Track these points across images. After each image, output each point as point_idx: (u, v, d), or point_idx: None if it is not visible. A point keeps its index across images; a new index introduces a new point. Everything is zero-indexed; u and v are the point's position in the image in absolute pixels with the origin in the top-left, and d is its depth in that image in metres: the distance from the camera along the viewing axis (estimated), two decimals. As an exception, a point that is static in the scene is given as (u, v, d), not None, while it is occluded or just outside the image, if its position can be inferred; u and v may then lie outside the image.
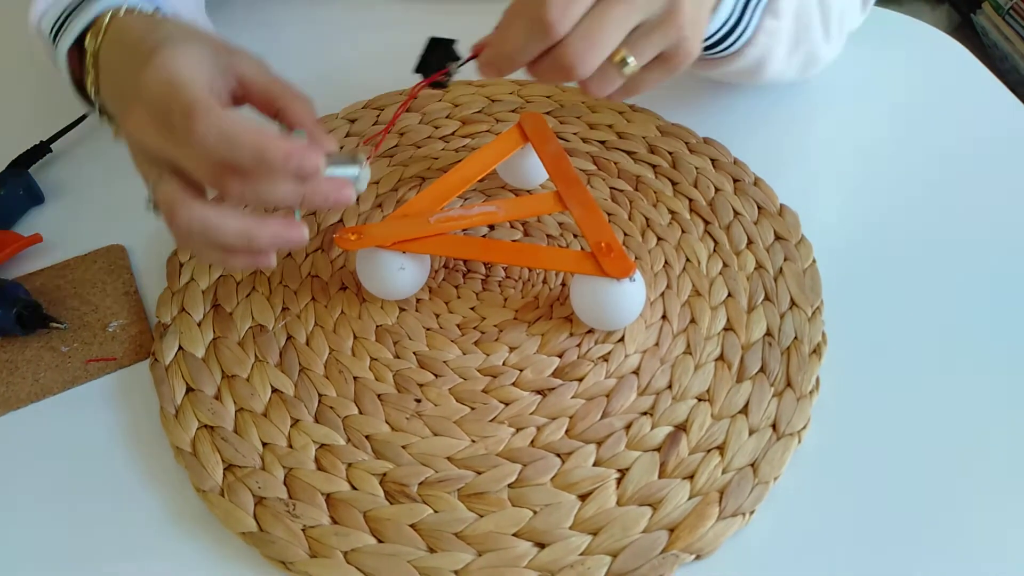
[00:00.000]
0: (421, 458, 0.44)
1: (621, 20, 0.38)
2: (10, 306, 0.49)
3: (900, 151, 0.58)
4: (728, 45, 0.49)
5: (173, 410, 0.46)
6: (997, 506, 0.41)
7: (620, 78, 0.40)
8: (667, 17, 0.38)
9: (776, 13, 0.48)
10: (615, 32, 0.38)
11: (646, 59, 0.39)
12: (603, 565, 0.40)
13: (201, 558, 0.41)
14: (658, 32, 0.39)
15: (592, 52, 0.37)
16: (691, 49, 0.40)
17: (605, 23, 0.37)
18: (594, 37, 0.37)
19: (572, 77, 0.38)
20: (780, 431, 0.44)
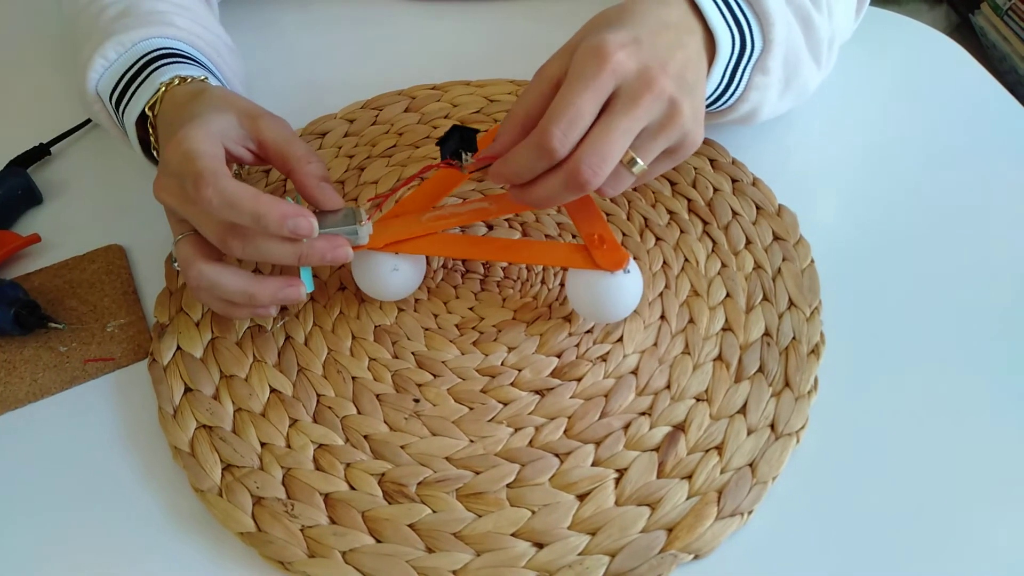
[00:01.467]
0: (420, 458, 0.44)
1: (625, 131, 0.39)
2: (8, 306, 0.49)
3: (898, 151, 0.58)
4: (719, 105, 0.50)
5: (171, 410, 0.46)
6: (996, 506, 0.42)
7: (631, 178, 0.41)
8: (669, 119, 0.40)
9: (765, 70, 0.49)
10: (621, 143, 0.39)
11: (652, 157, 0.41)
12: (601, 565, 0.40)
13: (199, 558, 0.41)
14: (663, 134, 0.41)
15: (601, 166, 0.39)
16: (695, 140, 0.42)
17: (612, 137, 0.39)
18: (603, 152, 0.39)
19: (587, 190, 0.40)
20: (778, 431, 0.44)
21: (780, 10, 0.48)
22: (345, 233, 0.44)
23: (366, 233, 0.45)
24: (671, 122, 0.40)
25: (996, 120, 0.59)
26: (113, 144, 0.62)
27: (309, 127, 0.60)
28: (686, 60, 0.42)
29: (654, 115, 0.40)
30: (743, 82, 0.49)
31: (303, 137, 0.60)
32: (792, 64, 0.50)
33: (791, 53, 0.50)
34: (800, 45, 0.50)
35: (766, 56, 0.48)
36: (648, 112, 0.40)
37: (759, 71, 0.49)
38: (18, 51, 0.70)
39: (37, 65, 0.69)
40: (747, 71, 0.49)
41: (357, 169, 0.58)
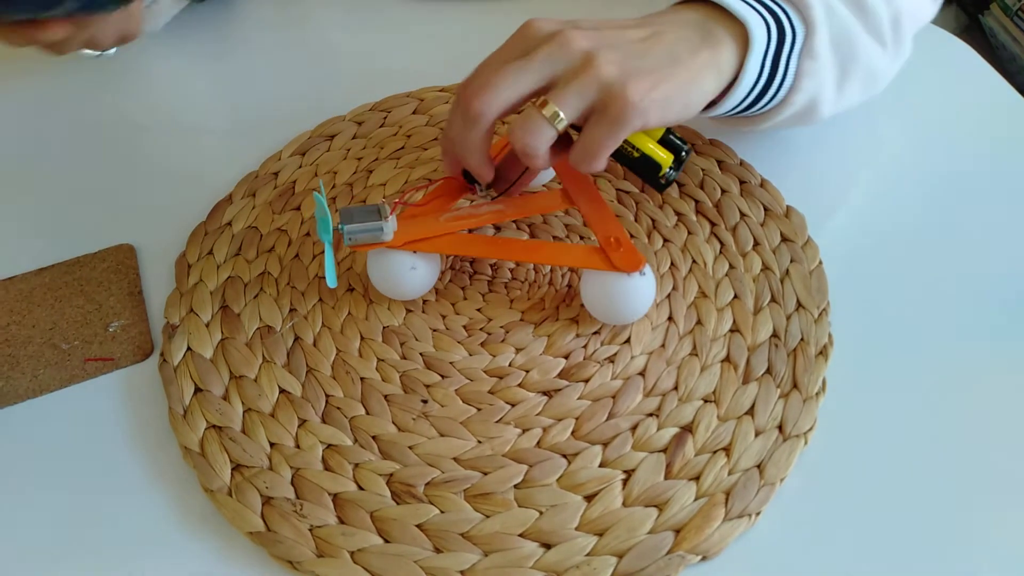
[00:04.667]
0: (428, 458, 0.44)
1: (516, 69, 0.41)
2: None
3: (907, 153, 0.58)
4: (769, 100, 0.48)
5: (181, 410, 0.46)
6: (1003, 508, 0.41)
7: (550, 128, 0.41)
8: (582, 68, 0.40)
9: (813, 54, 0.46)
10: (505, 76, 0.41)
11: (573, 111, 0.41)
12: (609, 566, 0.40)
13: (208, 557, 0.42)
14: (574, 83, 0.40)
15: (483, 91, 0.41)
16: (624, 95, 0.40)
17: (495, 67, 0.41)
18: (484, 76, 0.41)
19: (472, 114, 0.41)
20: (786, 432, 0.44)
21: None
22: (371, 229, 0.45)
23: (391, 229, 0.46)
24: (584, 73, 0.40)
25: (1006, 121, 0.59)
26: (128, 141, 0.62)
27: (318, 129, 0.61)
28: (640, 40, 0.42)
29: (559, 66, 0.41)
30: (790, 70, 0.47)
31: (310, 140, 0.60)
32: (846, 47, 0.47)
33: (841, 35, 0.47)
34: (851, 25, 0.48)
35: (811, 39, 0.46)
36: (547, 59, 0.40)
37: (807, 56, 0.46)
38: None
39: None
40: (792, 59, 0.46)
41: (366, 171, 0.58)
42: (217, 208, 0.56)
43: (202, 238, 0.54)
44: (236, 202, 0.56)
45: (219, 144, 0.61)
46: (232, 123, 0.63)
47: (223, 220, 0.55)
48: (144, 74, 0.68)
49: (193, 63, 0.69)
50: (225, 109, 0.64)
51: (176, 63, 0.69)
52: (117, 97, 0.66)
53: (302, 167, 0.58)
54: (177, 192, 0.58)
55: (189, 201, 0.57)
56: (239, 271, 0.52)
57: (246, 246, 0.54)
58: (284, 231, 0.54)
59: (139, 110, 0.65)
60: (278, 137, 0.60)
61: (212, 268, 0.53)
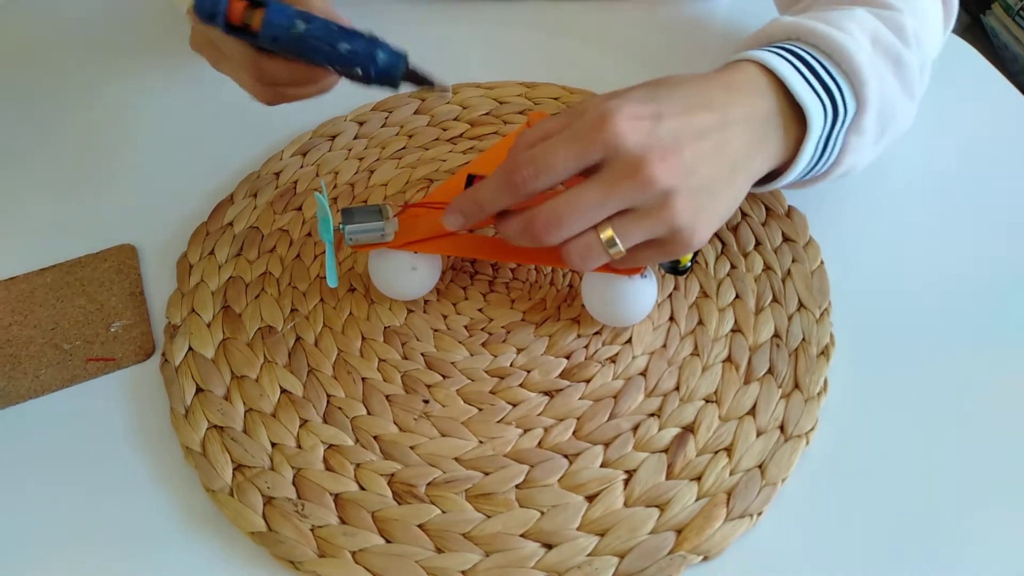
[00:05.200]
0: (429, 459, 0.44)
1: (594, 205, 0.38)
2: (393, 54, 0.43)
3: (909, 152, 0.57)
4: (812, 173, 0.47)
5: (183, 410, 0.46)
6: (1005, 508, 0.41)
7: (603, 256, 0.39)
8: (656, 210, 0.38)
9: (860, 131, 0.45)
10: (582, 214, 0.38)
11: (633, 242, 0.39)
12: (610, 566, 0.40)
13: (210, 557, 0.42)
14: (647, 222, 0.38)
15: (556, 228, 0.38)
16: (690, 240, 0.39)
17: (573, 205, 0.38)
18: (559, 214, 0.38)
19: (539, 243, 0.39)
20: (788, 433, 0.44)
21: (871, 64, 0.44)
22: (372, 229, 0.46)
23: (392, 230, 0.46)
24: (658, 214, 0.38)
25: (1008, 121, 0.59)
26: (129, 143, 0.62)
27: (319, 129, 0.61)
28: (712, 152, 0.39)
29: (637, 201, 0.38)
30: (836, 147, 0.45)
31: (312, 140, 0.60)
32: (887, 115, 0.46)
33: (886, 106, 0.46)
34: (894, 92, 0.46)
35: (860, 117, 0.45)
36: (626, 197, 0.38)
37: (854, 132, 0.45)
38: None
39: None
40: (840, 136, 0.45)
41: (367, 171, 0.58)
42: (219, 208, 0.56)
43: (203, 238, 0.54)
44: (238, 202, 0.56)
45: (221, 144, 0.61)
46: (234, 123, 0.63)
47: (224, 220, 0.55)
48: (145, 73, 0.68)
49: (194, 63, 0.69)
50: (227, 109, 0.64)
51: (177, 63, 0.69)
52: (118, 96, 0.66)
53: (304, 167, 0.58)
54: (178, 192, 0.58)
55: (190, 201, 0.57)
56: (240, 271, 0.52)
57: (247, 246, 0.54)
58: (286, 231, 0.54)
59: (140, 110, 0.65)
60: (279, 137, 0.60)
61: (213, 268, 0.53)
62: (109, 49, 0.71)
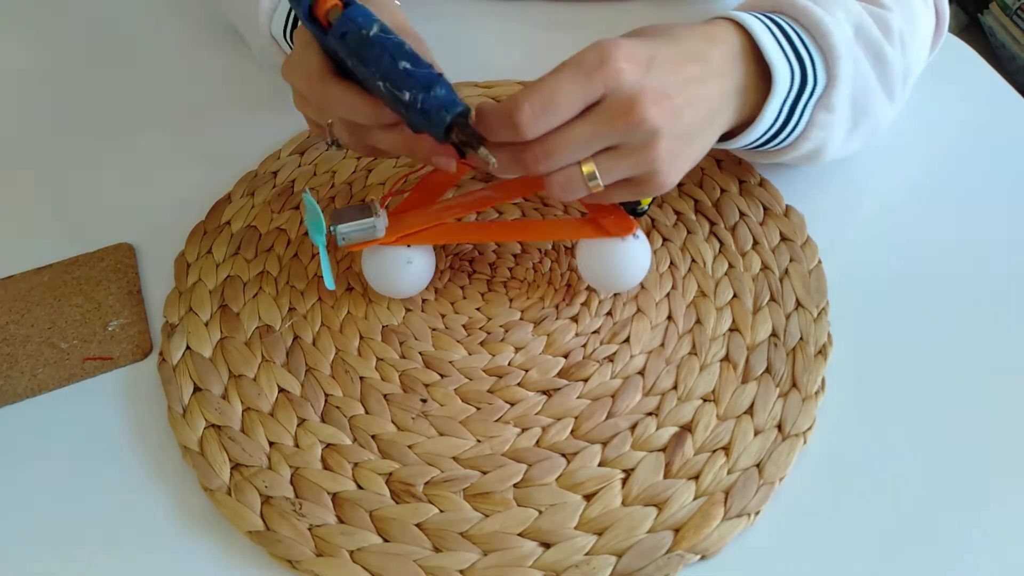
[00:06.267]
0: (427, 458, 0.44)
1: (585, 141, 0.39)
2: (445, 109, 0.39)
3: (907, 152, 0.58)
4: (778, 143, 0.48)
5: (180, 409, 0.46)
6: (1003, 507, 0.41)
7: (583, 190, 0.41)
8: (641, 149, 0.40)
9: (830, 107, 0.46)
10: (574, 149, 0.39)
11: (613, 179, 0.41)
12: (608, 565, 0.40)
13: (208, 557, 0.42)
14: (630, 159, 0.40)
15: (547, 160, 0.39)
16: (664, 182, 0.41)
17: (567, 140, 0.39)
18: (553, 150, 0.39)
19: (528, 172, 0.40)
20: (785, 432, 0.44)
21: (847, 44, 0.46)
22: (363, 227, 0.45)
23: (383, 225, 0.46)
24: (642, 153, 0.40)
25: (1005, 121, 0.59)
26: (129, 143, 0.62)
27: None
28: (696, 100, 0.41)
29: (625, 139, 0.39)
30: (803, 119, 0.47)
31: (309, 139, 0.60)
32: (861, 102, 0.48)
33: (860, 90, 0.47)
34: (871, 81, 0.48)
35: (830, 92, 0.46)
36: (618, 134, 0.39)
37: (823, 108, 0.46)
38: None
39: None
40: (808, 107, 0.46)
41: (365, 170, 0.58)
42: (216, 207, 0.56)
43: (201, 237, 0.54)
44: (235, 201, 0.56)
45: (218, 143, 0.61)
46: (231, 122, 0.63)
47: (222, 219, 0.55)
48: (143, 73, 0.68)
49: (192, 62, 0.69)
50: (224, 108, 0.64)
51: (175, 63, 0.69)
52: (116, 96, 0.66)
53: (301, 166, 0.58)
54: (176, 191, 0.58)
55: (188, 200, 0.57)
56: (238, 270, 0.52)
57: (245, 245, 0.54)
58: (283, 230, 0.54)
59: (138, 110, 0.65)
60: (277, 136, 0.60)
61: (211, 267, 0.53)
62: (108, 49, 0.71)
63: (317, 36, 0.42)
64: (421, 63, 0.39)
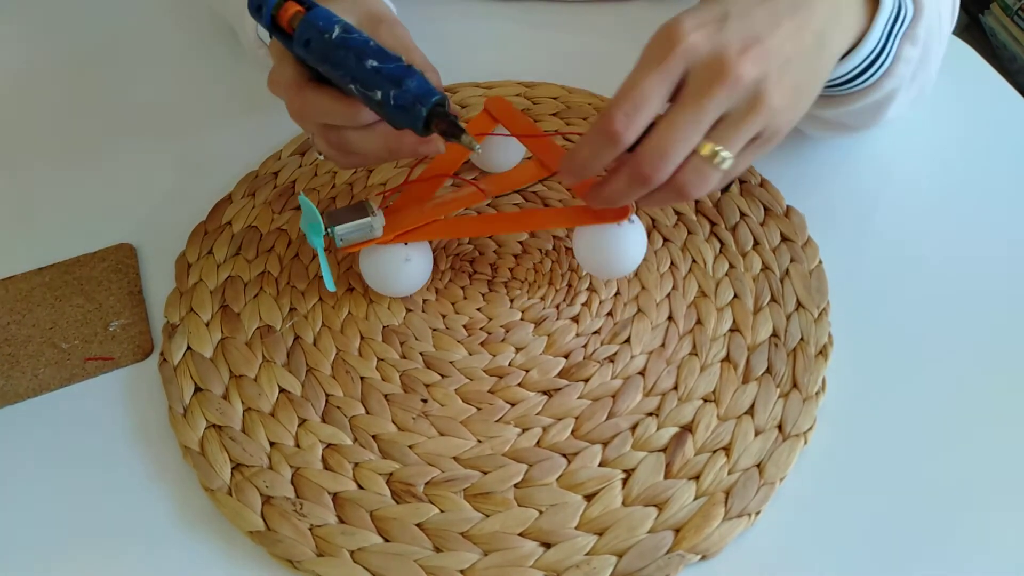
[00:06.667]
0: (427, 458, 0.44)
1: (691, 123, 0.37)
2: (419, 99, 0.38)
3: (907, 153, 0.58)
4: (867, 78, 0.46)
5: (181, 409, 0.46)
6: (1003, 508, 0.41)
7: (717, 173, 0.38)
8: (751, 107, 0.37)
9: (915, 40, 0.44)
10: (684, 136, 0.37)
11: (738, 148, 0.38)
12: (609, 565, 0.40)
13: (209, 557, 0.42)
14: (745, 121, 0.37)
15: (663, 160, 0.37)
16: (782, 128, 0.39)
17: (673, 130, 0.37)
18: (662, 146, 0.37)
19: (650, 184, 0.38)
20: (786, 432, 0.44)
21: None
22: (361, 227, 0.45)
23: (380, 224, 0.46)
24: (753, 110, 0.37)
25: (1006, 121, 0.59)
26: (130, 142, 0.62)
27: (318, 128, 0.61)
28: (792, 31, 0.38)
29: (732, 104, 0.37)
30: (893, 50, 0.44)
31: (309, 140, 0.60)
32: (928, 43, 0.46)
33: (933, 27, 0.45)
34: (936, 21, 0.46)
35: (916, 23, 0.44)
36: (720, 103, 0.37)
37: (908, 40, 0.44)
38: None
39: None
40: (898, 37, 0.44)
41: (365, 171, 0.58)
42: (217, 208, 0.56)
43: (202, 237, 0.54)
44: (236, 202, 0.56)
45: (219, 144, 0.61)
46: (232, 122, 0.63)
47: (223, 220, 0.55)
48: (144, 73, 0.68)
49: (193, 62, 0.69)
50: (225, 108, 0.64)
51: (176, 63, 0.69)
52: (116, 97, 0.66)
53: (302, 167, 0.58)
54: (177, 191, 0.58)
55: (189, 200, 0.57)
56: (239, 271, 0.52)
57: (246, 246, 0.54)
58: (284, 231, 0.54)
59: (138, 110, 0.65)
60: (278, 137, 0.60)
61: (212, 267, 0.53)
62: (107, 49, 0.71)
63: (285, 45, 0.41)
64: (389, 58, 0.39)
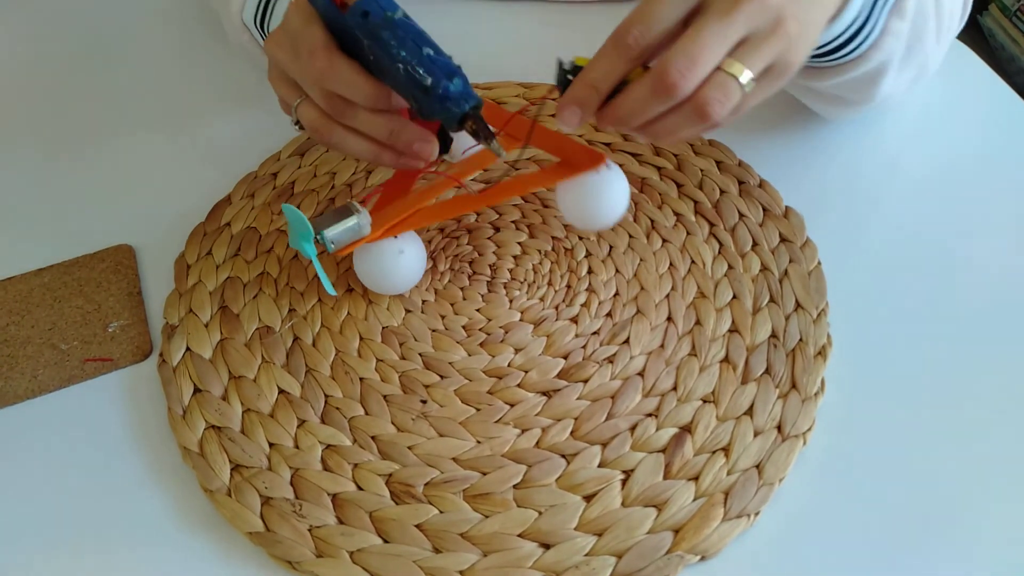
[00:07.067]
0: (427, 459, 0.44)
1: (718, 34, 0.37)
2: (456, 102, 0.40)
3: (906, 153, 0.58)
4: (853, 48, 0.47)
5: (180, 410, 0.46)
6: (1001, 507, 0.41)
7: (739, 92, 0.38)
8: (776, 27, 0.38)
9: (902, 13, 0.46)
10: (712, 47, 0.37)
11: (758, 70, 0.38)
12: (608, 566, 0.40)
13: (208, 557, 0.42)
14: (767, 44, 0.38)
15: (691, 69, 0.37)
16: (794, 61, 0.39)
17: (701, 38, 0.37)
18: (690, 52, 0.37)
19: (675, 95, 0.37)
20: (785, 433, 0.44)
21: None
22: (347, 227, 0.45)
23: (367, 222, 0.46)
24: (776, 31, 0.37)
25: (1005, 122, 0.59)
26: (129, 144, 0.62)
27: (317, 129, 0.61)
28: None
29: (755, 23, 0.37)
30: (879, 23, 0.46)
31: (309, 141, 0.60)
32: (920, 24, 0.47)
33: (921, 10, 0.47)
34: (929, 5, 0.47)
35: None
36: (748, 18, 0.37)
37: (896, 15, 0.46)
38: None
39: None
40: (884, 10, 0.45)
41: (364, 172, 0.58)
42: (216, 209, 0.56)
43: (201, 238, 0.54)
44: (235, 203, 0.56)
45: (218, 145, 0.61)
46: (231, 124, 0.63)
47: (222, 221, 0.55)
48: (143, 74, 0.68)
49: (192, 63, 0.69)
50: (224, 110, 0.64)
51: (176, 63, 0.69)
52: (116, 97, 0.66)
53: (301, 168, 0.58)
54: (176, 193, 0.58)
55: (188, 202, 0.57)
56: (238, 271, 0.52)
57: (245, 247, 0.54)
58: (283, 232, 0.54)
59: (138, 111, 0.65)
60: (277, 138, 0.60)
61: (211, 268, 0.53)
62: (107, 49, 0.71)
63: (327, 14, 0.42)
64: (442, 52, 0.41)
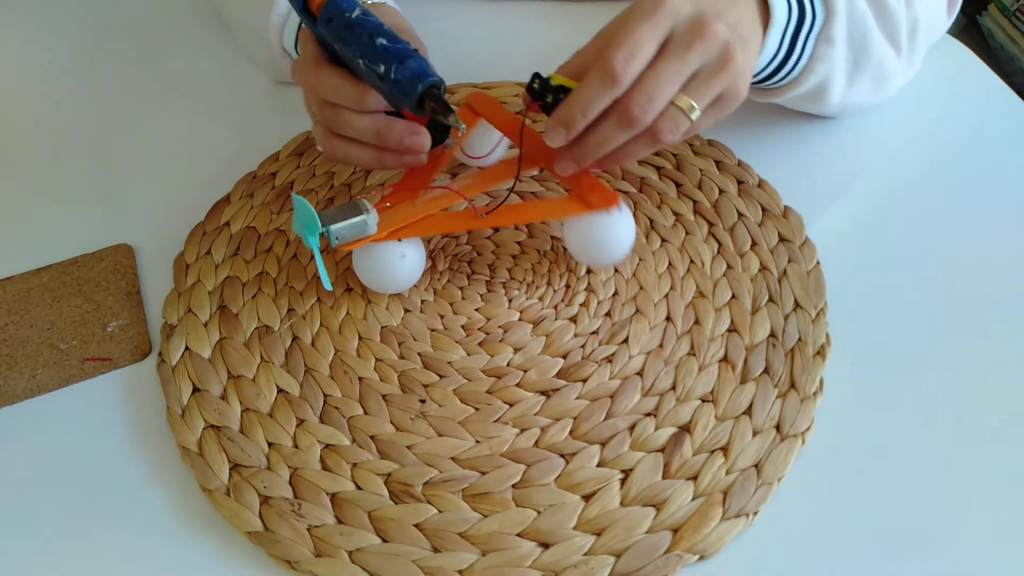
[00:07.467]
0: (426, 458, 0.44)
1: (675, 72, 0.41)
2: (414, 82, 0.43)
3: (905, 153, 0.58)
4: (784, 76, 0.51)
5: (179, 410, 0.46)
6: (1000, 507, 0.41)
7: (687, 122, 0.42)
8: (722, 64, 0.42)
9: (830, 40, 0.49)
10: (669, 83, 0.41)
11: (706, 103, 0.43)
12: (607, 565, 0.40)
13: (207, 557, 0.42)
14: (715, 78, 0.42)
15: (650, 104, 0.41)
16: (741, 90, 0.43)
17: (660, 77, 0.41)
18: (650, 91, 0.41)
19: (636, 128, 0.42)
20: (784, 432, 0.44)
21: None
22: (355, 225, 0.46)
23: (374, 221, 0.46)
24: (724, 67, 0.42)
25: (1004, 122, 0.59)
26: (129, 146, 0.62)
27: (316, 129, 0.61)
28: (740, 17, 0.44)
29: (706, 58, 0.42)
30: (806, 51, 0.49)
31: (308, 140, 0.60)
32: (860, 41, 0.51)
33: (857, 29, 0.50)
34: (868, 23, 0.50)
35: (829, 25, 0.49)
36: (700, 55, 0.41)
37: (823, 41, 0.49)
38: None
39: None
40: (810, 40, 0.49)
41: (363, 172, 0.58)
42: (215, 208, 0.56)
43: (200, 238, 0.54)
44: (234, 202, 0.56)
45: (218, 144, 0.61)
46: (230, 123, 0.63)
47: (221, 220, 0.55)
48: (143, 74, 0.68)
49: (192, 64, 0.69)
50: (224, 109, 0.64)
51: (175, 64, 0.69)
52: (115, 98, 0.66)
53: (300, 168, 0.58)
54: (175, 192, 0.58)
55: (187, 201, 0.57)
56: (237, 271, 0.52)
57: (244, 246, 0.54)
58: (282, 231, 0.54)
59: (137, 111, 0.65)
60: (276, 138, 0.60)
61: (210, 268, 0.53)
62: (107, 50, 0.71)
63: (310, 27, 0.45)
64: (398, 41, 0.43)
